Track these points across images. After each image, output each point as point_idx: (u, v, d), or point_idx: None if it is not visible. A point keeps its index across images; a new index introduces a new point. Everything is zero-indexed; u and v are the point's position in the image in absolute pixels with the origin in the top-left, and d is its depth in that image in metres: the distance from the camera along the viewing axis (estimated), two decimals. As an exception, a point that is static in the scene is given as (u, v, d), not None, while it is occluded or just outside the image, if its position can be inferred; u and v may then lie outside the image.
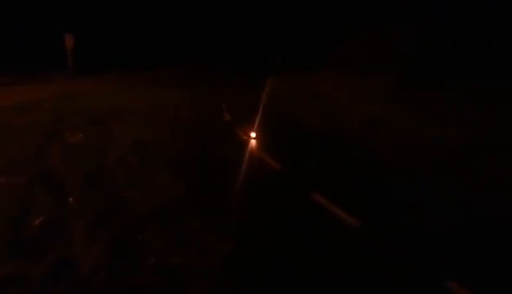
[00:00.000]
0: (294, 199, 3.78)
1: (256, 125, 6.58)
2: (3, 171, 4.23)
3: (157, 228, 3.12)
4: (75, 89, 10.36)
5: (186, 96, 9.79)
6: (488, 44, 8.26)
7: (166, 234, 3.03)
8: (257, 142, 5.78)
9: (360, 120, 7.18)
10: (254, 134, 6.02)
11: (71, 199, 3.61)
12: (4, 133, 5.84)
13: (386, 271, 2.59)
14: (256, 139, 5.88)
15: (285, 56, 15.27)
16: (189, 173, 4.44)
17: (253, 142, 5.77)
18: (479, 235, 3.10)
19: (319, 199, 3.65)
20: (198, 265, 2.63)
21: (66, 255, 2.69)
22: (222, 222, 3.26)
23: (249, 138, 5.89)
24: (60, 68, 13.50)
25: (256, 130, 6.27)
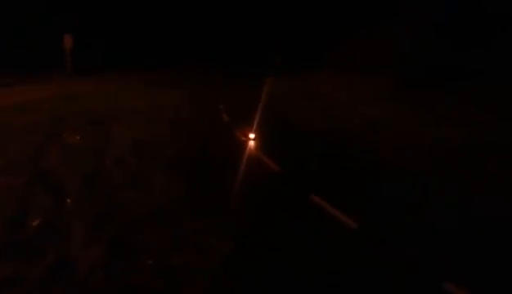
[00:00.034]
0: (293, 201, 3.76)
1: (255, 125, 6.56)
2: (2, 171, 4.23)
3: (157, 228, 3.12)
4: (75, 89, 10.36)
5: (186, 96, 9.79)
6: (488, 44, 8.25)
7: (166, 234, 3.02)
8: (256, 143, 5.76)
9: (360, 120, 7.18)
10: (253, 135, 6.00)
11: (69, 200, 3.60)
12: (4, 133, 5.84)
13: (384, 272, 2.59)
14: (255, 140, 5.86)
15: (285, 56, 15.25)
16: (189, 173, 4.44)
17: (251, 143, 5.74)
18: (479, 235, 3.10)
19: (318, 201, 3.64)
20: (198, 265, 2.62)
21: (64, 255, 2.69)
22: (222, 222, 3.26)
23: (248, 139, 5.87)
24: (60, 68, 13.49)
25: (255, 131, 6.25)
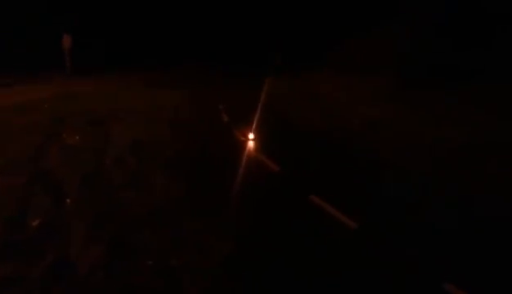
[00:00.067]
0: (293, 201, 3.76)
1: (255, 126, 6.56)
2: (2, 171, 4.23)
3: (157, 228, 3.12)
4: (75, 89, 10.36)
5: (186, 97, 9.78)
6: (488, 44, 8.25)
7: (166, 234, 3.02)
8: (255, 143, 5.75)
9: (360, 120, 7.18)
10: (253, 135, 5.99)
11: (69, 200, 3.60)
12: (4, 133, 5.84)
13: (383, 273, 2.58)
14: (254, 140, 5.85)
15: (285, 56, 15.24)
16: (188, 173, 4.44)
17: (251, 143, 5.74)
18: (479, 235, 3.10)
19: (317, 201, 3.64)
20: (198, 265, 2.62)
21: (64, 255, 2.69)
22: (222, 222, 3.26)
23: (247, 140, 5.87)
24: (60, 68, 13.48)
25: (255, 131, 6.24)
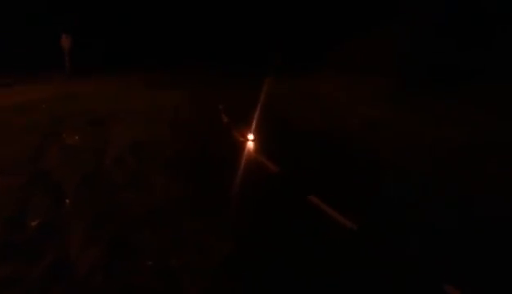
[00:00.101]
0: (292, 202, 3.75)
1: (254, 126, 6.55)
2: (2, 172, 4.23)
3: (157, 228, 3.12)
4: (76, 89, 10.36)
5: (186, 97, 9.78)
6: (488, 44, 8.25)
7: (166, 234, 3.02)
8: (255, 144, 5.75)
9: (360, 120, 7.17)
10: (252, 136, 5.99)
11: (68, 200, 3.60)
12: (4, 133, 5.84)
13: (383, 273, 2.58)
14: (254, 140, 5.85)
15: (285, 56, 15.24)
16: (188, 173, 4.44)
17: (251, 144, 5.73)
18: (479, 236, 3.10)
19: (317, 201, 3.64)
20: (198, 265, 2.62)
21: (64, 256, 2.68)
22: (222, 222, 3.26)
23: (247, 140, 5.86)
24: (60, 68, 13.48)
25: (254, 131, 6.24)
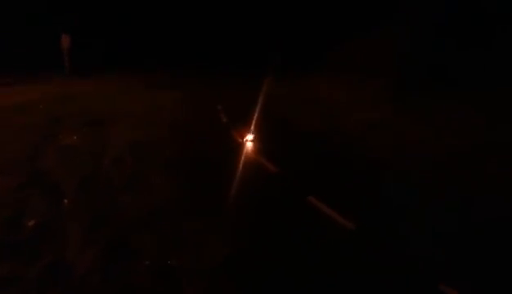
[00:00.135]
0: (291, 202, 3.75)
1: (254, 126, 6.54)
2: (0, 171, 4.22)
3: (157, 228, 3.11)
4: (76, 90, 10.35)
5: (186, 97, 9.77)
6: (488, 44, 8.24)
7: (166, 234, 3.01)
8: (254, 144, 5.74)
9: (359, 122, 7.16)
10: (252, 136, 5.98)
11: (66, 201, 3.60)
12: (3, 133, 5.84)
13: (382, 275, 2.57)
14: (253, 141, 5.84)
15: (285, 57, 15.23)
16: (188, 174, 4.43)
17: (250, 144, 5.72)
18: (479, 236, 3.09)
19: (315, 202, 3.63)
20: (198, 266, 2.62)
21: (61, 257, 2.67)
22: (222, 222, 3.25)
23: (246, 141, 5.85)
24: (60, 68, 13.47)
25: (254, 132, 6.23)
